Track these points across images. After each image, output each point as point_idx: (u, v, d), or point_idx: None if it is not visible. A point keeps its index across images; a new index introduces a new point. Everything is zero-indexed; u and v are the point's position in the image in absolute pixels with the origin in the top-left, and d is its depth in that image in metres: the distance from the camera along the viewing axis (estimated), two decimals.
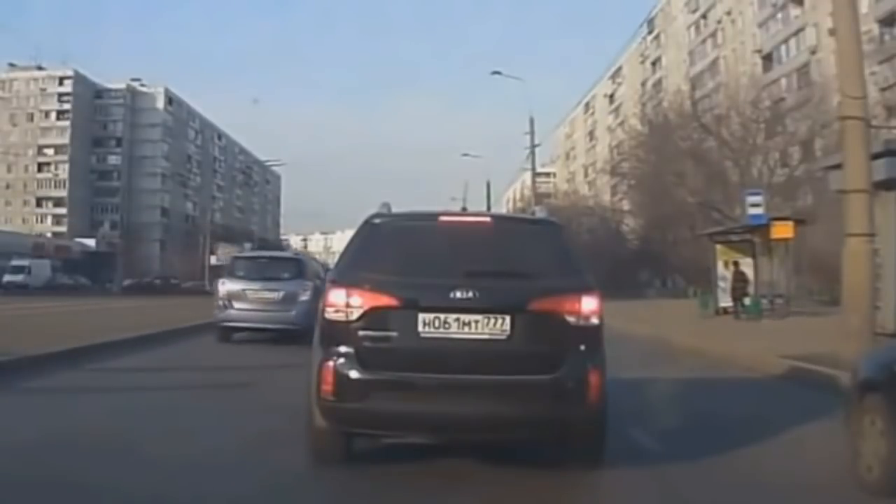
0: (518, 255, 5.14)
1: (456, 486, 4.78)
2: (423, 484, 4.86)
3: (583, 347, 4.79)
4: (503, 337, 4.71)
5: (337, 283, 4.89)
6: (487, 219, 5.72)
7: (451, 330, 4.69)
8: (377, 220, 5.27)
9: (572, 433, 4.92)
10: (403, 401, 4.64)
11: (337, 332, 4.76)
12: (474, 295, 4.69)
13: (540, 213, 6.45)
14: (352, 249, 5.20)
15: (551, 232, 5.46)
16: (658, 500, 4.91)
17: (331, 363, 4.72)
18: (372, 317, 4.71)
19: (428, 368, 4.66)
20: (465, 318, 4.69)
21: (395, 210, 5.51)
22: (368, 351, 4.70)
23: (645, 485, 5.12)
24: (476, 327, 4.70)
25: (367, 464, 5.22)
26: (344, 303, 4.75)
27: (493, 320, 4.70)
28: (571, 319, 4.79)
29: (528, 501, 4.74)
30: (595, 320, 4.86)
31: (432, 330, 4.69)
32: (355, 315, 4.72)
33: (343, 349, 4.72)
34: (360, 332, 4.71)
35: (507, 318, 4.71)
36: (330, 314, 4.80)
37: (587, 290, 4.90)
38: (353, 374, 4.67)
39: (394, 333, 4.73)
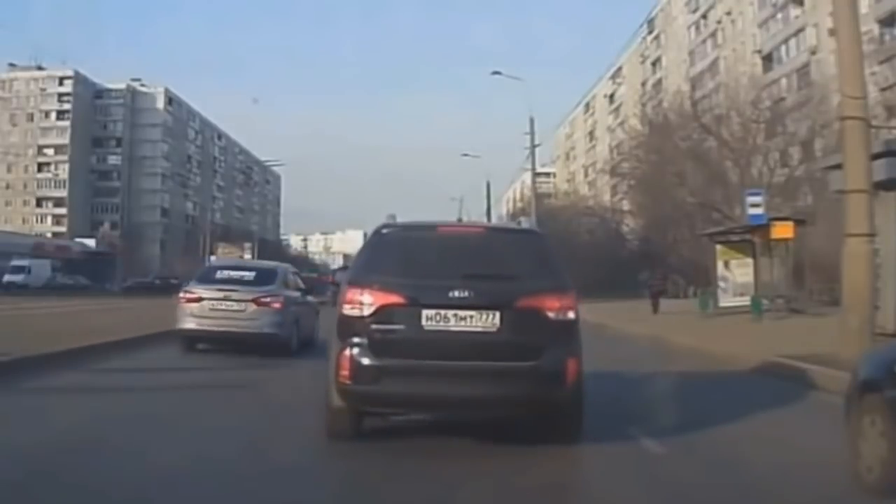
0: (506, 259, 5.88)
1: (459, 476, 5.04)
2: (427, 459, 5.51)
3: (561, 338, 5.56)
4: (493, 329, 5.44)
5: (352, 284, 5.66)
6: (480, 228, 6.74)
7: (450, 324, 5.43)
8: (385, 230, 6.09)
9: (553, 410, 5.68)
10: (409, 383, 5.38)
11: (352, 326, 5.51)
12: (469, 294, 5.44)
13: (525, 223, 7.63)
14: (364, 255, 6.00)
15: (535, 240, 6.31)
16: (655, 492, 4.93)
17: (347, 352, 5.47)
18: (382, 312, 5.46)
19: (430, 356, 5.38)
20: (461, 313, 5.43)
21: (399, 220, 6.30)
22: (379, 341, 5.43)
23: (643, 477, 5.17)
24: (471, 321, 5.43)
25: (376, 439, 5.98)
26: (358, 301, 5.52)
27: (485, 315, 5.44)
28: (551, 315, 5.56)
29: (528, 485, 4.95)
30: (571, 315, 5.64)
31: (434, 324, 5.42)
32: (368, 311, 5.47)
33: (358, 340, 5.47)
34: (373, 326, 5.45)
35: (497, 314, 5.45)
36: (347, 310, 5.56)
37: (565, 289, 5.70)
38: (367, 360, 5.42)
39: (401, 326, 5.46)
